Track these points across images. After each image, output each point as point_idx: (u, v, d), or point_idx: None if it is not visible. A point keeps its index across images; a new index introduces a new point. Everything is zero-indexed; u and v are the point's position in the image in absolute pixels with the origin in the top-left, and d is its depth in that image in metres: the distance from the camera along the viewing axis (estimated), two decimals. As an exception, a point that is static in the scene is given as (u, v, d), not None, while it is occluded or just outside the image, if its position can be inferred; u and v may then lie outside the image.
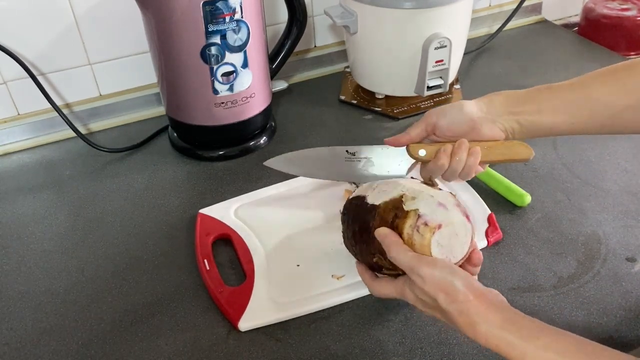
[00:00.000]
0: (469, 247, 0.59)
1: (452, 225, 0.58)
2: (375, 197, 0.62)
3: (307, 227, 0.78)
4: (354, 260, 0.66)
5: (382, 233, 0.59)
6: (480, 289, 0.54)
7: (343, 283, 0.69)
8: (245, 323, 0.65)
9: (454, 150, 0.65)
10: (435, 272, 0.54)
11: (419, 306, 0.57)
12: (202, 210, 0.81)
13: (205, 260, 0.73)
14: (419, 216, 0.58)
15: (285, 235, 0.77)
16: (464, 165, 0.65)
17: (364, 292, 0.68)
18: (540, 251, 0.74)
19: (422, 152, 0.67)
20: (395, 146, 0.69)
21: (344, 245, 0.67)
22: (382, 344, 0.64)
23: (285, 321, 0.66)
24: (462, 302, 0.53)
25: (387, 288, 0.60)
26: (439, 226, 0.57)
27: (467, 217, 0.60)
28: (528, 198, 0.80)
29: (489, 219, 0.76)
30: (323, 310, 0.67)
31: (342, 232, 0.66)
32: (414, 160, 0.68)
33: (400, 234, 0.58)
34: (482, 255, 0.61)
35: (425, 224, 0.57)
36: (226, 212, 0.81)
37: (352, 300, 0.68)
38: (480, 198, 0.80)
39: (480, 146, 0.65)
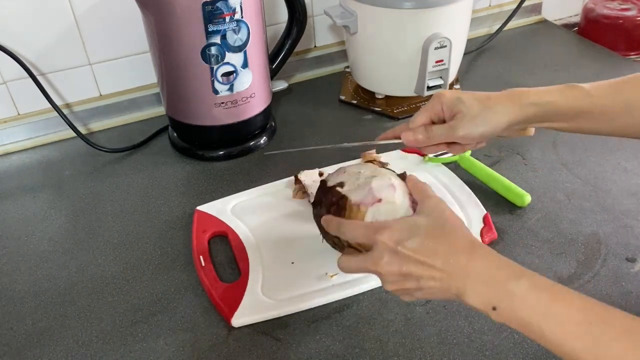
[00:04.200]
0: None
1: (392, 204, 0.58)
2: (337, 177, 0.62)
3: (302, 225, 0.78)
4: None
5: (327, 219, 0.59)
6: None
7: (337, 281, 0.70)
8: (239, 319, 0.66)
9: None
10: (396, 224, 0.53)
11: (392, 273, 0.52)
12: (199, 207, 0.81)
13: (201, 257, 0.73)
14: (356, 205, 0.58)
15: (281, 233, 0.77)
16: None
17: (357, 290, 0.68)
18: (540, 251, 0.74)
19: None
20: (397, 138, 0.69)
21: None
22: (382, 344, 0.64)
23: (285, 321, 0.66)
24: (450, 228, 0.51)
25: (355, 261, 0.56)
26: (379, 200, 0.57)
27: (414, 206, 0.59)
28: (528, 198, 0.80)
29: (485, 219, 0.76)
30: (323, 310, 0.68)
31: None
32: None
33: (344, 210, 0.58)
34: None
35: (361, 203, 0.58)
36: (223, 209, 0.81)
37: (352, 300, 0.68)
38: (476, 198, 0.80)
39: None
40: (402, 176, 0.62)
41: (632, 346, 0.43)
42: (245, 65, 0.86)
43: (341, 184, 0.61)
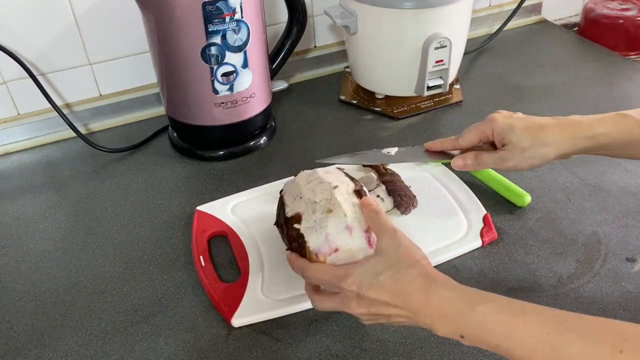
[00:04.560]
0: None
1: (349, 251, 0.58)
2: (294, 202, 0.62)
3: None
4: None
5: (291, 259, 0.61)
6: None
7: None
8: (239, 319, 0.66)
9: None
10: (356, 270, 0.55)
11: (363, 314, 0.56)
12: (199, 207, 0.81)
13: (201, 257, 0.73)
14: (315, 254, 0.59)
15: (281, 233, 0.77)
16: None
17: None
18: (540, 251, 0.74)
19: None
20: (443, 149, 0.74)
21: None
22: (382, 344, 0.64)
23: (285, 321, 0.66)
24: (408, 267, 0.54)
25: (329, 302, 0.59)
26: (336, 249, 0.58)
27: (370, 242, 0.60)
28: (528, 198, 0.80)
29: (484, 219, 0.76)
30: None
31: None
32: None
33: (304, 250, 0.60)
34: None
35: (319, 253, 0.59)
36: (223, 209, 0.81)
37: (352, 300, 0.68)
38: (476, 197, 0.80)
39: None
40: (359, 193, 0.62)
41: (590, 345, 0.45)
42: (245, 65, 0.86)
43: (298, 219, 0.60)
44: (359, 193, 0.62)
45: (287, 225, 0.62)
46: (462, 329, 0.50)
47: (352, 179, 0.65)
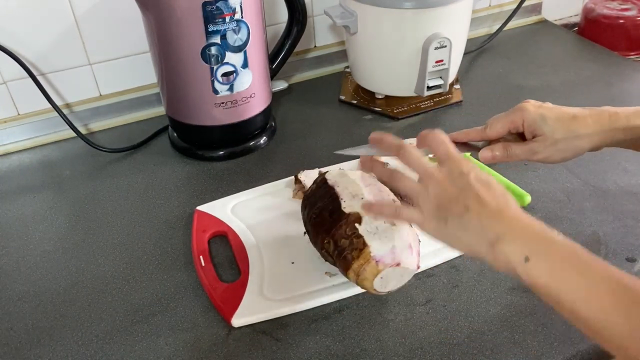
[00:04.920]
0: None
1: (407, 269, 0.59)
2: (352, 200, 0.62)
3: (302, 225, 0.77)
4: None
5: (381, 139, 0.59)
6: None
7: (337, 281, 0.69)
8: (239, 319, 0.66)
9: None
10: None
11: (446, 188, 0.52)
12: (199, 207, 0.81)
13: (201, 257, 0.73)
14: (375, 260, 0.59)
15: (281, 233, 0.77)
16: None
17: (357, 290, 0.68)
18: (540, 251, 0.74)
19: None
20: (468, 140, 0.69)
21: None
22: (382, 344, 0.64)
23: (285, 321, 0.66)
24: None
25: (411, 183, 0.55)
26: (397, 264, 0.58)
27: (418, 265, 0.61)
28: (528, 198, 0.80)
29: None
30: (323, 310, 0.67)
31: (307, 212, 0.67)
32: None
33: (353, 259, 0.59)
34: None
35: (381, 261, 0.59)
36: (223, 209, 0.81)
37: (352, 300, 0.68)
38: (479, 198, 0.80)
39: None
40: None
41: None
42: (245, 65, 0.86)
43: (359, 219, 0.60)
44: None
45: (342, 220, 0.61)
46: (533, 250, 0.48)
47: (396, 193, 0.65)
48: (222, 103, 0.88)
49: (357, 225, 0.60)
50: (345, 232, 0.60)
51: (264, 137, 0.97)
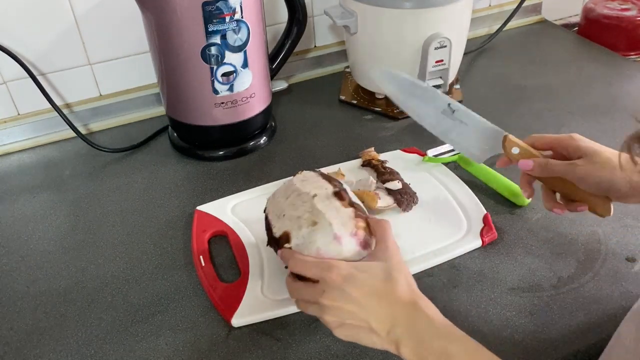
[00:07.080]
0: None
1: (344, 259, 0.58)
2: (278, 221, 0.63)
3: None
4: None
5: (282, 254, 0.61)
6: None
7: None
8: (239, 319, 0.66)
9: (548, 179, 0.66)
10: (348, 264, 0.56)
11: (335, 303, 0.55)
12: (199, 207, 0.81)
13: (201, 257, 0.73)
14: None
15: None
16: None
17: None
18: (540, 251, 0.74)
19: (515, 150, 0.68)
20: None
21: None
22: (382, 344, 0.64)
23: (285, 321, 0.66)
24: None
25: (304, 290, 0.58)
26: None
27: (361, 244, 0.59)
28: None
29: (485, 219, 0.76)
30: (323, 310, 0.67)
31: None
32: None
33: None
34: None
35: None
36: (223, 209, 0.81)
37: (352, 300, 0.68)
38: (476, 197, 0.80)
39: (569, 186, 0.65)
40: (339, 195, 0.62)
41: None
42: (245, 65, 0.86)
43: (287, 238, 0.61)
44: (339, 195, 0.61)
45: (278, 246, 0.62)
46: (424, 356, 0.51)
47: (330, 179, 0.65)
48: (222, 103, 0.88)
49: (287, 245, 0.61)
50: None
51: (264, 137, 0.97)
